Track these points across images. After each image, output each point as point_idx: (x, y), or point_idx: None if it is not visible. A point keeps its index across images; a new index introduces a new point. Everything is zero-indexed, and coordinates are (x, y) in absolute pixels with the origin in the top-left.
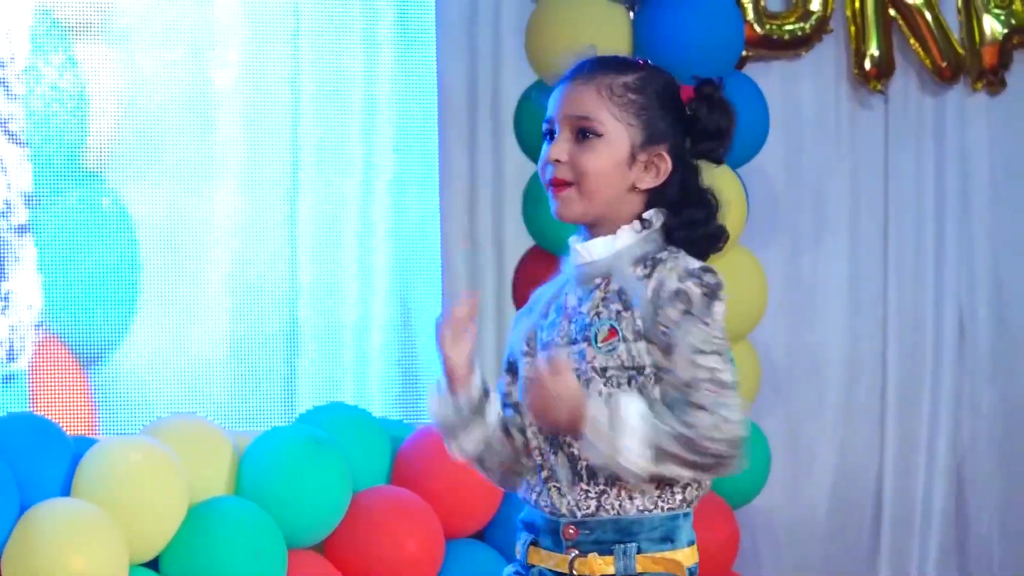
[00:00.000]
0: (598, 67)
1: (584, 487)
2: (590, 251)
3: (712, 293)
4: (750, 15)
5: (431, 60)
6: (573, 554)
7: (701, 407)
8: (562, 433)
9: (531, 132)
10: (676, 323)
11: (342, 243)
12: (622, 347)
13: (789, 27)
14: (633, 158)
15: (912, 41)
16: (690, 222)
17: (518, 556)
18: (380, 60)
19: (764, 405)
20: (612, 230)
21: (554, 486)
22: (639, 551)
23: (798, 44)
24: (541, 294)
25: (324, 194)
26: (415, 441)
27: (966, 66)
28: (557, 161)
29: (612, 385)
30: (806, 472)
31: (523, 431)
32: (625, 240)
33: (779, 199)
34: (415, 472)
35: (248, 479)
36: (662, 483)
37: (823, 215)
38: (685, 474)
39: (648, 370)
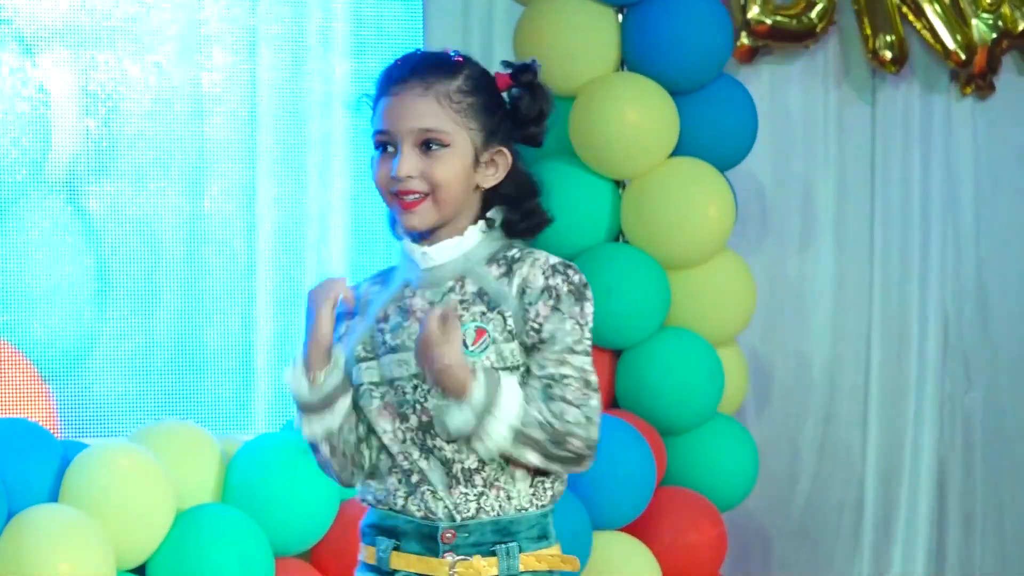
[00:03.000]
0: (427, 73)
1: (463, 490)
2: (438, 254)
3: (580, 292)
4: (757, 7)
5: None
6: (452, 558)
7: (568, 402)
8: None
9: None
10: (546, 319)
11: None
12: (492, 348)
13: (793, 17)
14: (477, 160)
15: (920, 28)
16: (530, 212)
17: (371, 562)
18: (368, 64)
19: (749, 409)
20: (456, 231)
21: (428, 490)
22: (520, 550)
23: (803, 36)
24: (369, 298)
25: (323, 198)
26: None
27: (967, 67)
28: (408, 177)
29: None
30: (790, 475)
31: (368, 439)
32: (471, 240)
33: (767, 203)
34: None
35: (235, 486)
36: (534, 481)
37: (810, 219)
38: (534, 462)
39: (522, 368)
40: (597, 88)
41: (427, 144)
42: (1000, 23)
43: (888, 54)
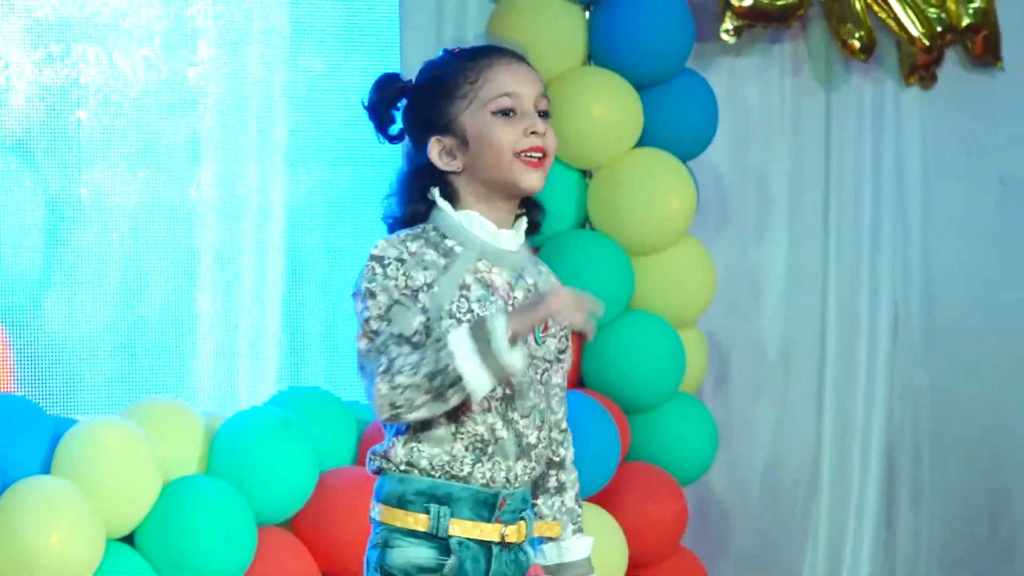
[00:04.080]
0: (520, 54)
1: (525, 463)
2: (513, 241)
3: None
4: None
5: (396, 59)
6: (501, 523)
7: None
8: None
9: None
10: (567, 331)
11: (318, 235)
12: (551, 342)
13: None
14: None
15: (885, 17)
16: (542, 212)
17: (421, 528)
18: (345, 59)
19: (708, 389)
20: (508, 219)
21: (499, 459)
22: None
23: (782, 17)
24: (428, 258)
25: (298, 184)
26: (379, 423)
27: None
28: (544, 135)
29: (544, 376)
30: (748, 451)
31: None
32: (523, 235)
33: (727, 192)
34: None
35: (220, 458)
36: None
37: (767, 208)
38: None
39: (554, 367)
40: (565, 82)
41: (544, 114)
42: (945, 17)
43: (857, 44)
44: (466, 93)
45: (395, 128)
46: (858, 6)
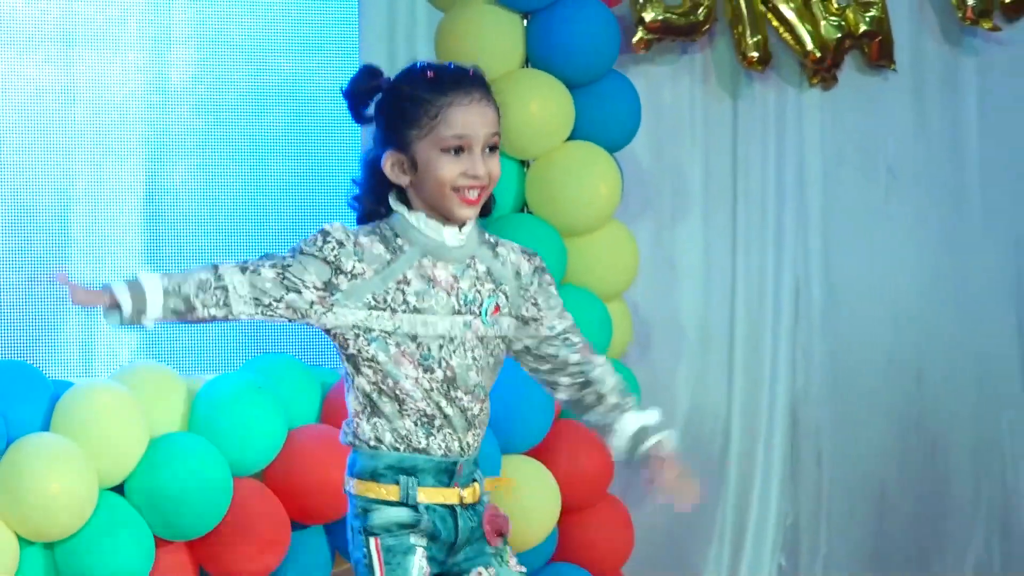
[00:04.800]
0: (484, 85)
1: (474, 432)
2: (454, 236)
3: (545, 267)
4: (651, 8)
5: (355, 62)
6: (459, 487)
7: (587, 349)
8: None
9: None
10: (537, 293)
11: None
12: (503, 320)
13: (682, 17)
14: None
15: (782, 31)
16: (491, 197)
17: (393, 498)
18: (306, 63)
19: (633, 354)
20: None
21: (448, 432)
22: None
23: (690, 31)
24: (374, 253)
25: (274, 174)
26: (341, 386)
27: (833, 53)
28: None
29: (487, 350)
30: (667, 412)
31: (396, 388)
32: (472, 223)
33: (648, 181)
34: (340, 411)
35: (199, 417)
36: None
37: (683, 196)
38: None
39: (506, 341)
40: (505, 82)
41: (492, 147)
42: (844, 24)
43: (755, 55)
44: (424, 125)
45: (367, 111)
46: (756, 21)
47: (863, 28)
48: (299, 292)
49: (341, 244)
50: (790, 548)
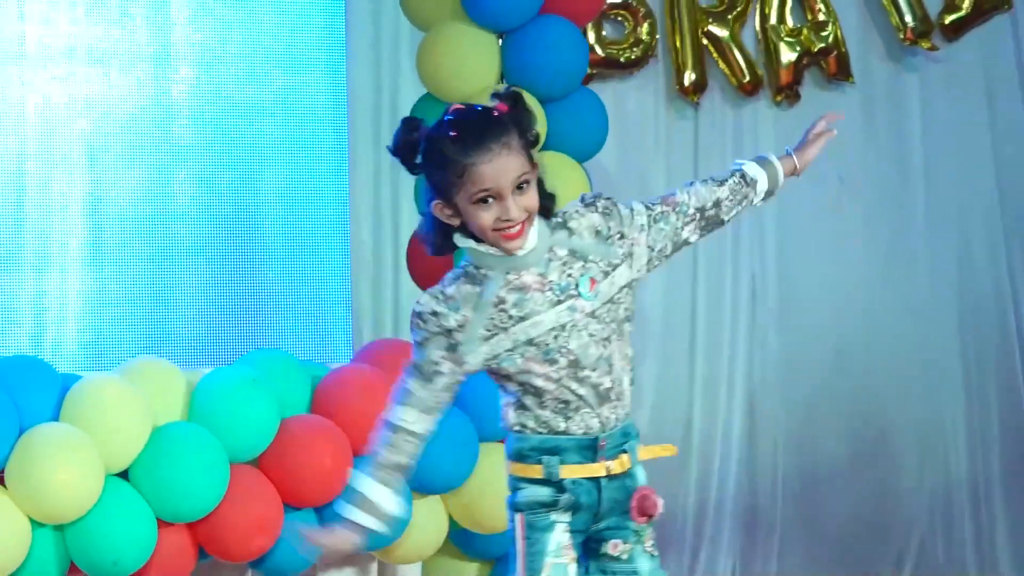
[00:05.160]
0: (500, 135)
1: (611, 405)
2: (529, 241)
3: (612, 198)
4: (594, 42)
5: (343, 78)
6: (605, 460)
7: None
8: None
9: None
10: (630, 222)
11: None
12: (602, 287)
13: (623, 51)
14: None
15: (721, 64)
16: (550, 195)
17: (538, 476)
18: (297, 78)
19: None
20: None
21: (585, 411)
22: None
23: (631, 65)
24: (465, 297)
25: (266, 178)
26: (329, 379)
27: (764, 84)
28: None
29: (603, 320)
30: (636, 398)
31: (533, 387)
32: (534, 227)
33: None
34: (329, 403)
35: (198, 408)
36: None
37: None
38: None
39: (627, 288)
40: (482, 97)
41: (520, 186)
42: (800, 45)
43: (690, 83)
44: (455, 183)
45: (417, 161)
46: (691, 54)
47: (819, 46)
48: (441, 374)
49: (434, 313)
50: (747, 528)
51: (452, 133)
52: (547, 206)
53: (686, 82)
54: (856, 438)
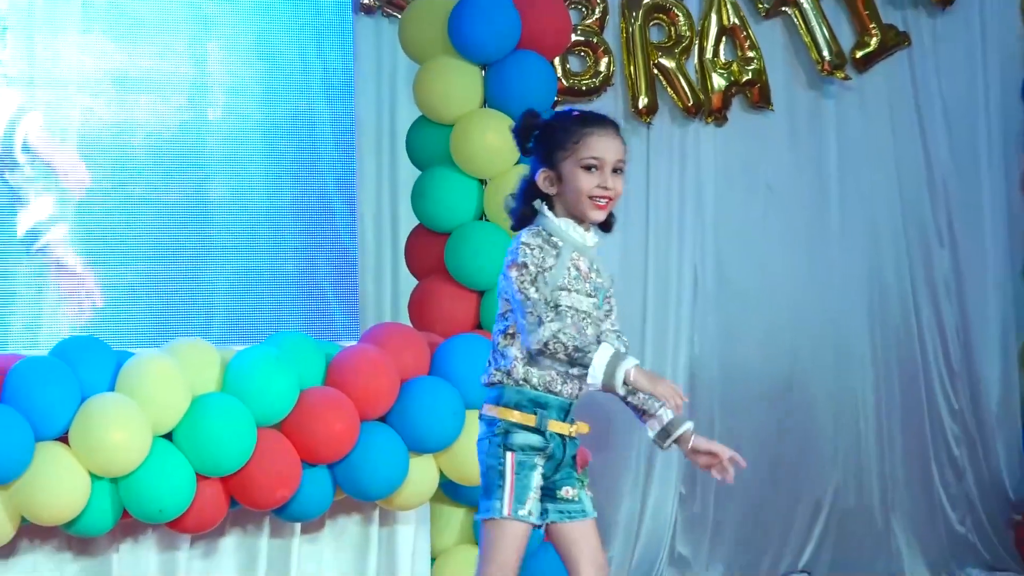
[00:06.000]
0: (615, 124)
1: (582, 383)
2: (592, 239)
3: None
4: (561, 74)
5: (351, 103)
6: (570, 423)
7: None
8: None
9: (417, 149)
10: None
11: (294, 222)
12: (605, 308)
13: (585, 81)
14: None
15: (669, 91)
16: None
17: (530, 423)
18: (314, 103)
19: None
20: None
21: (575, 383)
22: None
23: (591, 92)
24: (548, 248)
25: (284, 188)
26: (340, 356)
27: (703, 107)
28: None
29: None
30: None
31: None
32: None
33: None
34: (340, 376)
35: (231, 381)
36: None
37: None
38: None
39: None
40: (468, 119)
41: (618, 169)
42: (731, 76)
43: (644, 106)
44: (569, 147)
45: (529, 145)
46: (644, 82)
47: (746, 77)
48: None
49: (540, 247)
50: (689, 481)
51: (576, 114)
52: (608, 223)
53: (640, 105)
54: (781, 403)
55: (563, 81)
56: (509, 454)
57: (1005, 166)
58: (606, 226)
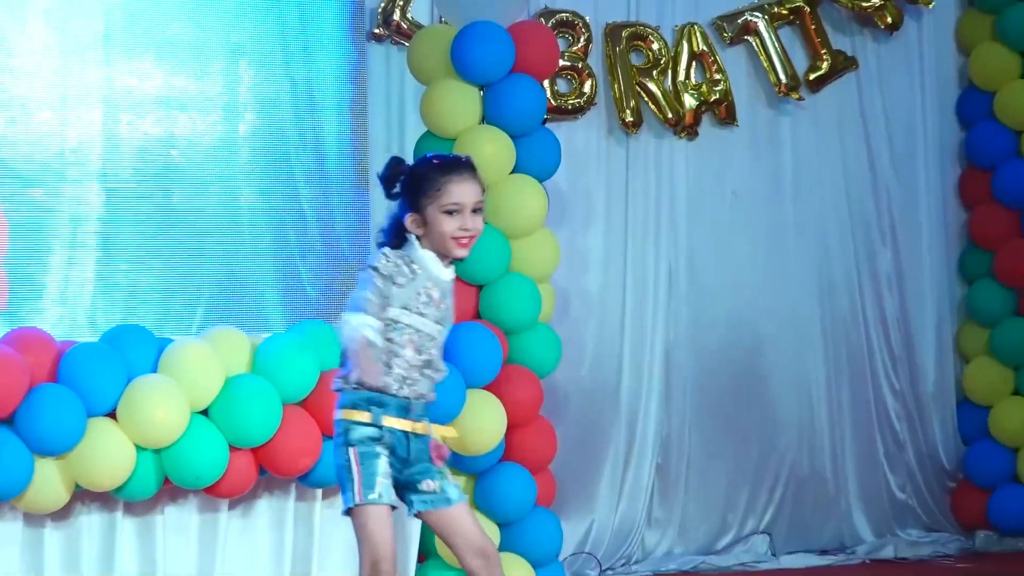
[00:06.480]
0: (474, 168)
1: (429, 389)
2: (448, 274)
3: None
4: (550, 95)
5: (365, 120)
6: (414, 419)
7: None
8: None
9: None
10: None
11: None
12: (441, 323)
13: (571, 101)
14: None
15: (651, 107)
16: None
17: (366, 420)
18: (331, 120)
19: (556, 317)
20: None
21: (413, 388)
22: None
23: (577, 111)
24: (403, 270)
25: (305, 198)
26: None
27: (681, 120)
28: (474, 229)
29: (439, 347)
30: (578, 358)
31: (398, 362)
32: (453, 272)
33: (566, 200)
34: None
35: (260, 363)
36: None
37: (590, 212)
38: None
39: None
40: (468, 133)
41: (476, 209)
42: (700, 96)
43: (630, 120)
44: (431, 195)
45: (395, 191)
46: (630, 97)
47: (714, 97)
48: (384, 299)
49: (396, 264)
50: (664, 450)
51: (436, 161)
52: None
53: (627, 120)
54: (744, 384)
55: (552, 101)
56: (351, 449)
57: (941, 175)
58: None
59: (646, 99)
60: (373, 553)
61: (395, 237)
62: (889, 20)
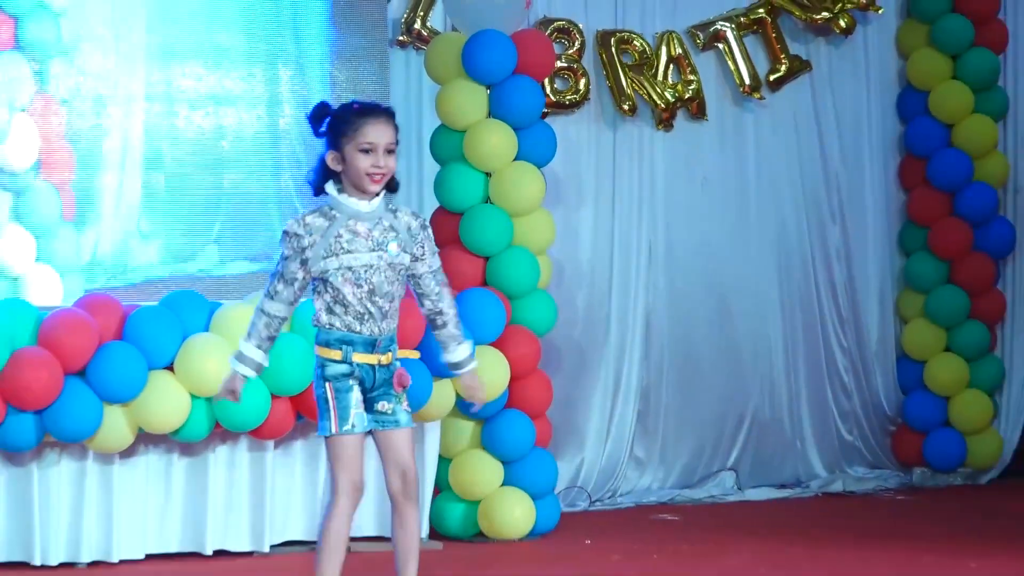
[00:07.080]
0: (390, 113)
1: (386, 322)
2: (367, 206)
3: (429, 227)
4: (548, 92)
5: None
6: (379, 353)
7: (447, 285)
8: (379, 296)
9: (438, 150)
10: (426, 241)
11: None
12: (401, 255)
13: (568, 97)
14: None
15: (645, 97)
16: (395, 180)
17: (338, 358)
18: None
19: (553, 285)
20: (369, 195)
21: (371, 321)
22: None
23: (572, 107)
24: (319, 224)
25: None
26: None
27: (671, 110)
28: (385, 167)
29: (393, 271)
30: (571, 319)
31: (344, 299)
32: (377, 202)
33: (560, 186)
34: None
35: (296, 324)
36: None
37: (581, 196)
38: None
39: (405, 268)
40: (476, 126)
41: (389, 150)
42: (676, 94)
43: (628, 109)
44: (349, 135)
45: (321, 129)
46: (625, 89)
47: (687, 95)
48: (296, 279)
49: (297, 235)
50: (644, 399)
51: (355, 107)
52: (392, 186)
53: (625, 107)
54: (713, 342)
55: (550, 97)
56: (327, 384)
57: (883, 163)
58: (392, 188)
59: (639, 91)
60: (347, 474)
61: (319, 174)
62: (843, 24)
